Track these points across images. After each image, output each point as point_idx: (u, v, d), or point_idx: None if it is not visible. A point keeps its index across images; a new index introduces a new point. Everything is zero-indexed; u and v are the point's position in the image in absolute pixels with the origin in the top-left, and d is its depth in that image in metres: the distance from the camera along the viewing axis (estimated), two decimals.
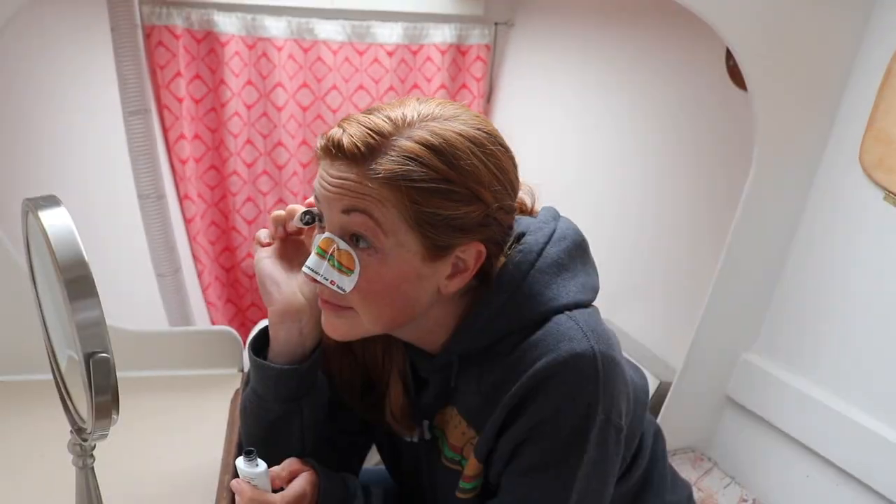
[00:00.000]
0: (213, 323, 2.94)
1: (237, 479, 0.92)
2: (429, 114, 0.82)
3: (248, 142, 2.81)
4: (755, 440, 1.76)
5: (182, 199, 2.74)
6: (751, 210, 1.58)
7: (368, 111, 0.83)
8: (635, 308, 2.29)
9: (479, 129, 0.83)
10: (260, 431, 1.02)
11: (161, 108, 2.61)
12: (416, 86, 2.92)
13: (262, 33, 2.66)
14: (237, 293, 3.04)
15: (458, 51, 2.88)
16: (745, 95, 1.76)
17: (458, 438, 0.99)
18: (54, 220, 0.67)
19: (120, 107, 1.80)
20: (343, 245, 0.82)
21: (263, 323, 1.01)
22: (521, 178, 0.92)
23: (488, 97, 3.04)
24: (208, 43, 2.62)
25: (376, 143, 0.79)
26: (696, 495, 1.66)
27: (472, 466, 0.96)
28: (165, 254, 1.98)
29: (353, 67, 2.82)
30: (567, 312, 0.89)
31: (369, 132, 0.79)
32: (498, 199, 0.84)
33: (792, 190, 1.60)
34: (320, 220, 0.87)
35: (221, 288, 3.00)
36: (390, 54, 2.83)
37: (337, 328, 0.90)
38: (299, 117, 2.84)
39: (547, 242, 0.92)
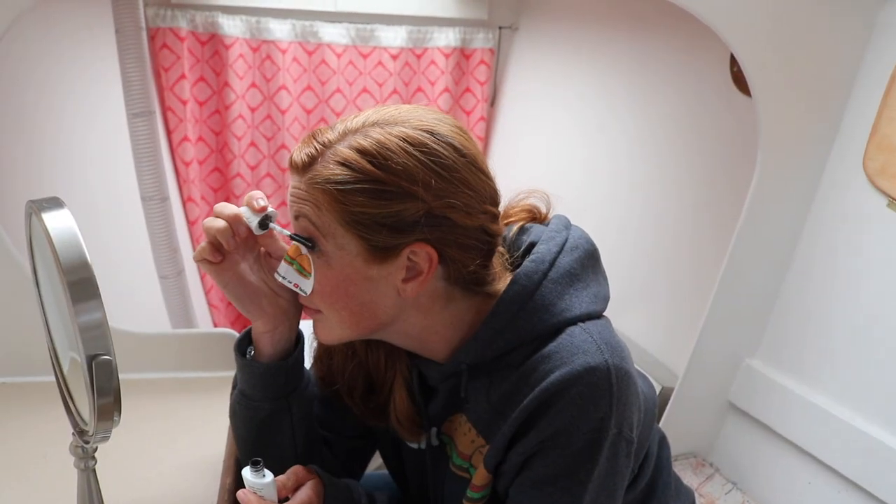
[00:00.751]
0: (216, 325, 2.94)
1: (243, 489, 0.91)
2: (376, 120, 0.83)
3: (252, 144, 2.81)
4: (757, 446, 1.76)
5: (185, 201, 2.74)
6: (754, 216, 1.58)
7: (334, 125, 0.86)
8: (638, 313, 2.29)
9: (423, 131, 0.83)
10: (250, 433, 1.02)
11: (165, 110, 2.61)
12: (419, 89, 2.93)
13: (266, 36, 2.67)
14: None
15: (462, 54, 2.88)
16: (749, 101, 1.76)
17: (466, 446, 0.98)
18: (57, 222, 0.67)
19: (124, 109, 1.80)
20: (304, 250, 0.87)
21: None
22: (533, 186, 0.94)
23: (492, 101, 3.05)
24: (212, 45, 2.63)
25: (317, 153, 0.83)
26: (698, 501, 1.66)
27: (480, 476, 0.95)
28: (168, 256, 1.99)
29: (357, 70, 2.83)
30: (580, 324, 0.89)
31: (315, 144, 0.83)
32: (440, 197, 0.82)
33: (795, 196, 1.60)
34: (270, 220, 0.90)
35: None
36: (394, 57, 2.83)
37: (317, 332, 0.93)
38: (303, 120, 2.84)
39: (559, 252, 0.92)
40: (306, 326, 1.00)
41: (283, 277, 0.90)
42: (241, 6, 2.62)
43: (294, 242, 0.87)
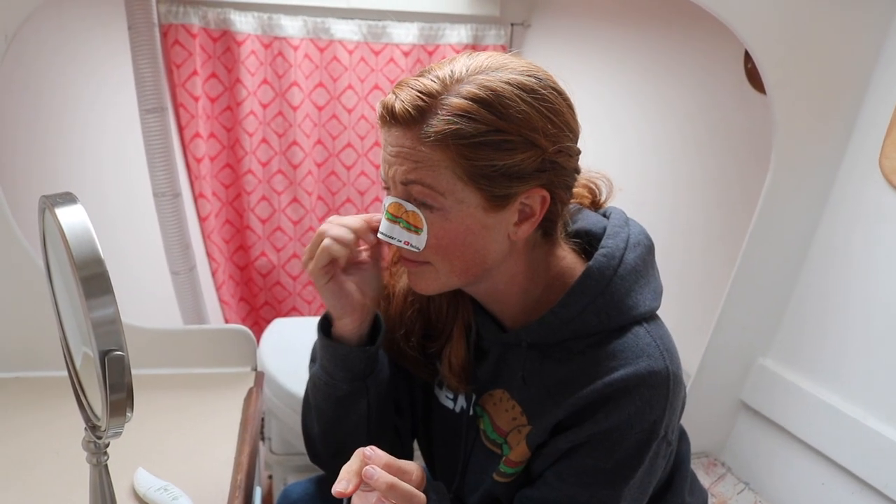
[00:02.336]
0: (227, 321, 2.95)
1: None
2: (477, 67, 0.83)
3: (264, 141, 2.82)
4: (770, 446, 1.75)
5: (197, 197, 2.75)
6: (768, 214, 1.57)
7: (420, 73, 0.85)
8: None
9: (528, 75, 0.84)
10: (329, 408, 1.05)
11: (177, 106, 2.62)
12: None
13: (278, 32, 2.67)
14: (251, 292, 3.05)
15: (474, 51, 2.87)
16: (763, 98, 1.75)
17: (506, 423, 1.00)
18: (71, 218, 0.67)
19: (136, 105, 1.81)
20: (409, 207, 0.85)
21: None
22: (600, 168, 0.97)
23: None
24: (224, 42, 2.63)
25: (426, 105, 0.80)
26: (710, 501, 1.65)
27: (519, 453, 0.97)
28: (180, 252, 1.99)
29: (369, 67, 2.83)
30: (645, 325, 0.92)
31: (419, 95, 0.81)
32: (554, 143, 0.84)
33: (810, 194, 1.59)
34: None
35: (235, 286, 3.01)
36: (406, 54, 2.83)
37: (418, 283, 0.93)
38: (314, 117, 2.84)
39: (625, 248, 0.94)
40: None
41: (389, 236, 0.89)
42: (252, 2, 2.62)
43: (394, 200, 0.87)
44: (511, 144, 0.81)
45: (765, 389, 1.74)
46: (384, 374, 1.06)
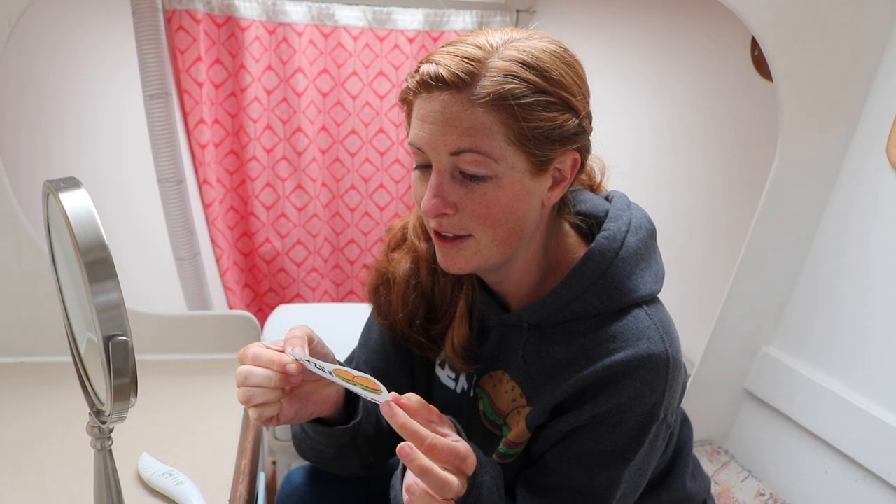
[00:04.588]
0: (231, 307, 2.95)
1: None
2: (508, 37, 0.84)
3: (268, 127, 2.81)
4: (773, 434, 1.75)
5: (201, 183, 2.75)
6: (774, 202, 1.56)
7: (451, 44, 0.84)
8: None
9: (554, 44, 0.85)
10: (321, 463, 1.08)
11: (181, 92, 2.61)
12: None
13: (282, 18, 2.66)
14: (255, 278, 3.05)
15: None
16: (770, 86, 1.73)
17: (505, 404, 1.00)
18: (75, 203, 0.67)
19: (140, 90, 1.81)
20: (355, 377, 0.79)
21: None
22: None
23: None
24: (229, 28, 2.62)
25: (475, 68, 0.80)
26: (713, 489, 1.65)
27: (518, 434, 0.98)
28: (184, 238, 1.99)
29: (374, 54, 2.81)
30: (645, 307, 0.92)
31: (464, 59, 0.80)
32: (584, 106, 0.87)
33: (816, 182, 1.58)
34: None
35: (239, 273, 3.01)
36: (411, 41, 2.82)
37: (456, 261, 0.91)
38: (319, 103, 2.84)
39: (627, 231, 0.94)
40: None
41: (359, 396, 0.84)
42: None
43: (334, 370, 0.82)
44: (555, 106, 0.82)
45: (769, 378, 1.74)
46: (371, 429, 1.04)
